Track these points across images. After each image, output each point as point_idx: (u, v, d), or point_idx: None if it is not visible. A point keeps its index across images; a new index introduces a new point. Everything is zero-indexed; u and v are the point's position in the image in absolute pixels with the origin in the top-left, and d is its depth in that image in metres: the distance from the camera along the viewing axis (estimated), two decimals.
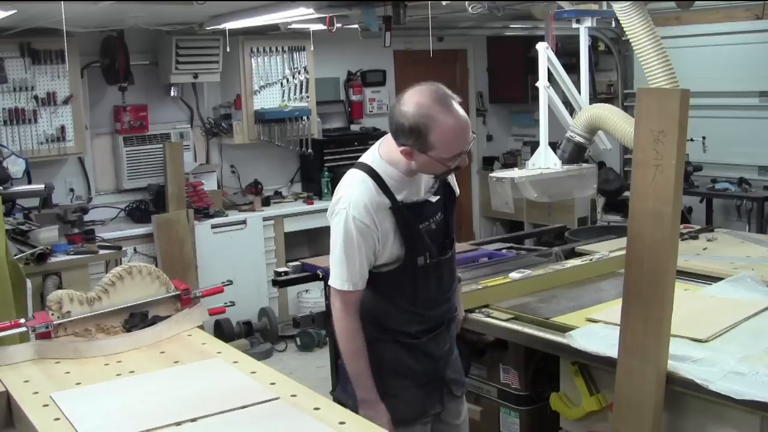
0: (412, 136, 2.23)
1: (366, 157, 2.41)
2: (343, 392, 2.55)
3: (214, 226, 5.98)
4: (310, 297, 6.17)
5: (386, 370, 2.45)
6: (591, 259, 3.51)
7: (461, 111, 2.25)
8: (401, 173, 2.34)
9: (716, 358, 2.32)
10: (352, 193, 2.31)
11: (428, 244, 2.38)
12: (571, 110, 4.16)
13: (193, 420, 1.88)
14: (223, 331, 5.61)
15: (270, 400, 1.98)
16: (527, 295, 3.11)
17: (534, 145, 4.30)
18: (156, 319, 2.63)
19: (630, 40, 3.51)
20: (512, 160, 7.93)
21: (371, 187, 2.32)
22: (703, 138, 6.34)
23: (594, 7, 4.13)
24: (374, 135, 6.97)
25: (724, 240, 3.90)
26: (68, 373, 2.29)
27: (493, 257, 3.90)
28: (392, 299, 2.42)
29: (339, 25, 5.06)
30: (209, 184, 6.30)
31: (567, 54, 4.85)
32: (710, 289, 3.08)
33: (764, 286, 3.01)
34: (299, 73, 6.49)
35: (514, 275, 3.23)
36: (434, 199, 2.43)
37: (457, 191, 2.59)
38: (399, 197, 2.34)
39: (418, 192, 2.40)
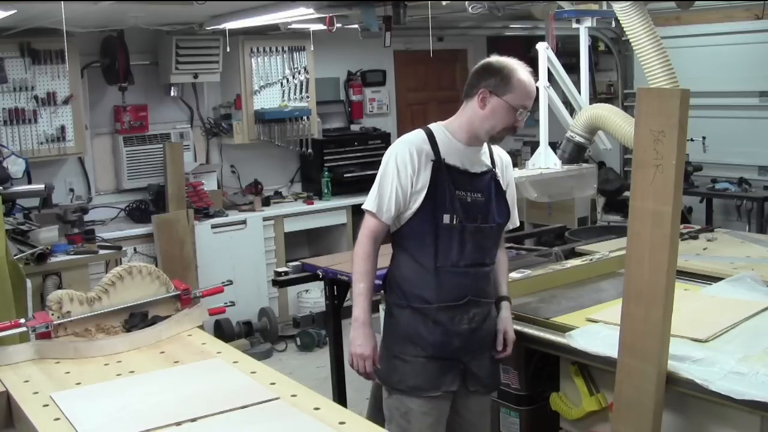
0: (498, 75, 2.54)
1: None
2: (378, 368, 2.65)
3: (214, 226, 5.98)
4: (310, 297, 6.18)
5: (401, 335, 2.61)
6: (591, 259, 3.51)
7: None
8: (455, 139, 2.59)
9: (716, 358, 2.32)
10: (403, 138, 2.62)
11: (457, 207, 2.54)
12: (571, 110, 4.17)
13: (193, 420, 1.88)
14: (223, 331, 5.61)
15: (270, 400, 1.98)
16: (527, 295, 3.10)
17: (534, 145, 4.30)
18: (156, 319, 2.63)
19: (630, 40, 3.52)
20: (512, 160, 7.91)
21: (422, 137, 2.59)
22: (703, 138, 6.34)
23: (594, 7, 4.14)
24: (374, 135, 6.98)
25: (724, 240, 3.90)
26: (68, 373, 2.30)
27: None
28: (413, 254, 2.58)
29: (339, 25, 5.07)
30: (209, 184, 6.30)
31: (567, 54, 4.86)
32: (710, 289, 3.08)
33: (764, 286, 3.01)
34: (299, 73, 6.49)
35: (514, 275, 3.23)
36: (476, 170, 2.60)
37: (516, 222, 2.85)
38: (443, 156, 2.55)
39: (465, 164, 2.60)
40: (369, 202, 2.59)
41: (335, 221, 6.59)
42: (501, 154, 2.77)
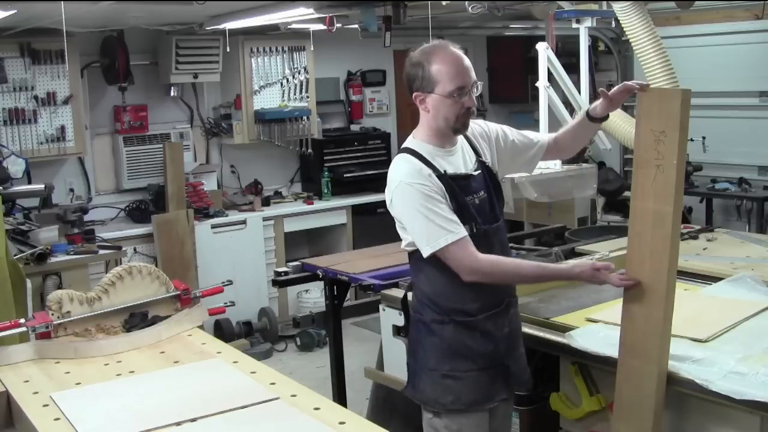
0: (417, 72, 2.41)
1: (403, 144, 2.55)
2: (413, 389, 2.56)
3: (214, 226, 5.98)
4: (310, 297, 6.18)
5: (448, 352, 2.47)
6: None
7: (460, 51, 2.45)
8: (434, 146, 2.46)
9: (716, 358, 2.32)
10: (401, 168, 2.43)
11: (473, 214, 2.43)
12: (571, 110, 4.17)
13: (193, 420, 1.88)
14: (223, 331, 5.61)
15: (270, 400, 1.98)
16: (527, 295, 3.10)
17: None
18: (156, 319, 2.63)
19: (630, 40, 3.52)
20: None
21: (414, 160, 2.43)
22: (703, 138, 6.34)
23: (594, 7, 4.14)
24: (374, 135, 6.98)
25: (724, 240, 3.90)
26: (68, 373, 2.30)
27: None
28: (448, 271, 2.41)
29: (339, 25, 5.07)
30: (209, 184, 6.30)
31: (567, 54, 4.85)
32: (710, 289, 3.08)
33: (764, 286, 3.01)
34: (299, 73, 6.49)
35: None
36: (476, 173, 2.50)
37: (538, 139, 2.71)
38: (441, 169, 2.43)
39: (458, 167, 2.48)
40: (441, 239, 2.34)
41: (335, 221, 6.59)
42: (475, 131, 2.58)
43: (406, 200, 2.37)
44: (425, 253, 2.38)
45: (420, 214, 2.35)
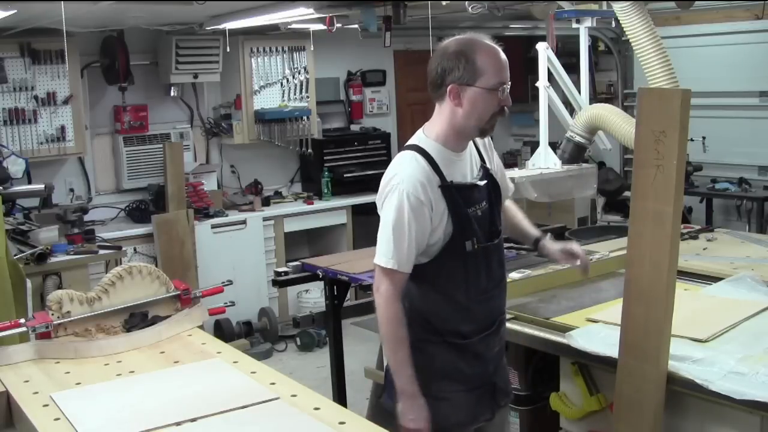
0: (459, 62, 2.22)
1: (412, 140, 2.38)
2: (390, 400, 2.44)
3: (214, 226, 5.98)
4: (310, 297, 6.18)
5: (436, 373, 2.36)
6: (591, 259, 3.51)
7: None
8: (448, 149, 2.32)
9: (716, 358, 2.32)
10: (405, 170, 2.26)
11: (475, 229, 2.31)
12: (571, 110, 4.17)
13: (193, 420, 1.88)
14: (223, 331, 5.61)
15: (270, 400, 1.98)
16: (527, 295, 3.10)
17: (534, 145, 4.30)
18: (156, 319, 2.63)
19: (630, 40, 3.52)
20: (512, 160, 7.92)
21: (423, 163, 2.27)
22: (703, 138, 6.35)
23: (594, 7, 4.14)
24: (374, 135, 6.98)
25: (724, 240, 3.90)
26: (68, 373, 2.30)
27: None
28: (444, 291, 2.33)
29: (339, 25, 5.07)
30: (209, 184, 6.30)
31: (567, 54, 4.86)
32: (710, 289, 3.08)
33: (764, 286, 3.01)
34: (299, 73, 6.49)
35: (514, 275, 3.23)
36: (481, 183, 2.38)
37: (511, 187, 2.66)
38: (448, 177, 2.29)
39: (464, 175, 2.35)
40: (384, 257, 2.24)
41: (335, 221, 6.60)
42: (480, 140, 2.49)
43: (393, 205, 2.24)
44: (375, 260, 2.28)
45: (393, 226, 2.23)
